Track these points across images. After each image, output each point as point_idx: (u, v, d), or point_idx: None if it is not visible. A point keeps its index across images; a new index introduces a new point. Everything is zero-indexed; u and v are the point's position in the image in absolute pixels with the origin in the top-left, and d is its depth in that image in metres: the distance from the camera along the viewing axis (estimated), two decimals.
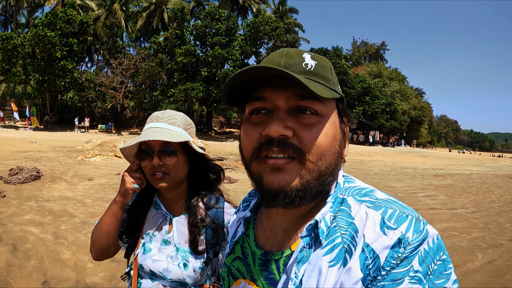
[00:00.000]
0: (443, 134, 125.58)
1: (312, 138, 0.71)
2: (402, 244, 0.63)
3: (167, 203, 1.57)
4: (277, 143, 0.69)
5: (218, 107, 37.55)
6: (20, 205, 6.22)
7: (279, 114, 0.71)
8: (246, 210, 0.97)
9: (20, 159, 11.93)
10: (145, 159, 1.45)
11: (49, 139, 22.07)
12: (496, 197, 10.76)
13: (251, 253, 0.86)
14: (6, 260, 3.95)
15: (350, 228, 0.70)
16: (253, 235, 0.89)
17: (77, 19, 35.08)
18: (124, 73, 37.46)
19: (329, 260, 0.68)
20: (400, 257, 0.62)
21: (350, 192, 0.77)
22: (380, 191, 0.76)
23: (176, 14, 38.26)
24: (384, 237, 0.65)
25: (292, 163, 0.70)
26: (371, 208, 0.70)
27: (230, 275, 0.91)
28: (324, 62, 0.78)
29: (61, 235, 4.93)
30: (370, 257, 0.64)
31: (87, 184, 8.68)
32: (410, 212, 0.68)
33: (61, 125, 37.20)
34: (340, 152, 0.77)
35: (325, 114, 0.73)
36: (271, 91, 0.73)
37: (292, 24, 54.29)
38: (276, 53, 0.77)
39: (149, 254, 1.51)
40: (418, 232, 0.64)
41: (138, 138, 1.44)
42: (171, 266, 1.48)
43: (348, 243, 0.68)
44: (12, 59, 31.52)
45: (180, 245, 1.51)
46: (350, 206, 0.73)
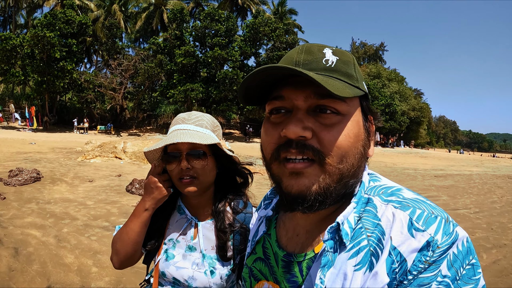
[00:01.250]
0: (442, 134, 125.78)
1: (333, 139, 0.67)
2: (431, 247, 0.61)
3: (192, 208, 1.50)
4: (295, 145, 0.67)
5: (217, 108, 37.49)
6: (21, 207, 6.16)
7: (298, 114, 0.68)
8: (268, 209, 0.94)
9: (19, 161, 11.87)
10: (172, 163, 1.36)
11: (48, 140, 21.99)
12: (497, 198, 10.75)
13: (273, 254, 0.84)
14: (8, 265, 3.88)
15: (376, 230, 0.67)
16: (274, 235, 0.87)
17: (76, 20, 34.99)
18: (123, 74, 37.38)
19: (355, 264, 0.66)
20: (428, 261, 0.60)
21: (376, 191, 0.74)
22: (407, 190, 0.73)
23: (175, 15, 38.25)
24: (412, 239, 0.62)
25: (312, 167, 0.67)
26: (398, 208, 0.67)
27: (252, 276, 0.88)
28: (347, 57, 0.74)
29: (64, 238, 4.87)
30: (397, 261, 0.62)
31: (88, 185, 8.62)
32: (439, 213, 0.65)
33: (60, 126, 37.10)
34: (363, 153, 0.73)
35: (347, 113, 0.70)
36: (290, 90, 0.70)
37: (292, 25, 54.29)
38: (296, 49, 0.74)
39: (172, 261, 1.44)
40: (447, 234, 0.62)
41: (165, 140, 1.36)
42: (197, 273, 1.41)
43: (375, 245, 0.65)
44: (11, 59, 31.42)
45: (206, 251, 1.44)
46: (376, 206, 0.70)
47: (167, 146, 1.40)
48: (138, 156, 13.93)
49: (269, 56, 38.94)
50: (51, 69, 31.86)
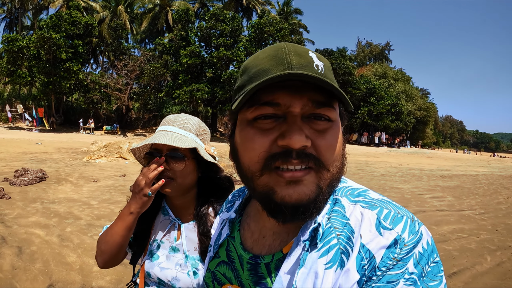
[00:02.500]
0: (448, 134, 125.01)
1: (328, 145, 0.68)
2: (398, 244, 0.62)
3: (175, 209, 1.53)
4: (296, 155, 0.64)
5: (223, 108, 37.56)
6: (25, 207, 6.22)
7: (297, 122, 0.65)
8: (230, 211, 0.93)
9: (25, 161, 11.97)
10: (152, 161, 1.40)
11: (54, 141, 22.15)
12: (503, 198, 10.66)
13: (237, 257, 0.83)
14: (11, 263, 3.93)
15: (345, 229, 0.67)
16: (239, 237, 0.85)
17: (82, 21, 35.22)
18: (129, 75, 37.54)
19: (325, 263, 0.66)
20: (396, 258, 0.62)
21: (343, 192, 0.74)
22: (373, 192, 0.74)
23: (180, 16, 38.36)
24: (380, 237, 0.64)
25: (310, 174, 0.66)
26: (366, 208, 0.68)
27: (215, 280, 0.87)
28: (328, 62, 0.72)
29: (67, 238, 4.91)
30: (366, 258, 0.63)
31: (93, 185, 8.67)
32: (405, 213, 0.67)
33: (66, 126, 37.36)
34: (344, 155, 0.74)
35: (335, 119, 0.70)
36: (286, 96, 0.65)
37: (297, 25, 54.28)
38: (280, 49, 0.69)
39: (156, 262, 1.47)
40: (413, 233, 0.64)
41: (148, 140, 1.41)
42: (180, 274, 1.44)
43: (344, 244, 0.66)
44: (18, 61, 31.66)
45: (189, 252, 1.47)
46: (344, 206, 0.71)
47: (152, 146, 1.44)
48: None
49: None
50: (57, 70, 32.08)
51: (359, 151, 34.12)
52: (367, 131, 50.80)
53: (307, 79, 0.62)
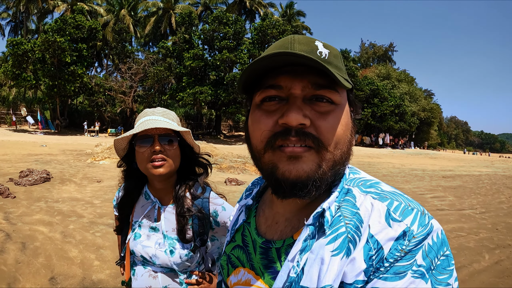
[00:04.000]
0: (453, 135, 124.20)
1: (329, 126, 0.70)
2: (407, 236, 0.63)
3: (157, 193, 1.64)
4: (295, 133, 0.68)
5: (227, 110, 37.66)
6: (30, 205, 6.32)
7: (297, 102, 0.70)
8: (248, 198, 0.96)
9: (30, 162, 12.09)
10: (143, 146, 1.50)
11: (59, 143, 22.30)
12: (505, 198, 10.62)
13: (251, 242, 0.86)
14: (15, 257, 4.03)
15: (354, 218, 0.69)
16: (254, 223, 0.89)
17: (86, 24, 35.44)
18: (133, 78, 37.74)
19: (332, 249, 0.67)
20: (404, 249, 0.62)
21: (355, 183, 0.76)
22: (385, 184, 0.76)
23: (184, 19, 38.52)
24: (389, 228, 0.64)
25: (310, 152, 0.69)
26: (376, 199, 0.70)
27: (230, 263, 0.90)
28: (335, 51, 0.76)
29: (69, 234, 5.01)
30: (374, 248, 0.64)
31: (96, 186, 8.77)
32: (415, 206, 0.68)
33: (71, 129, 37.57)
34: (351, 141, 0.76)
35: (340, 103, 0.73)
36: (288, 79, 0.70)
37: (300, 27, 54.25)
38: (286, 40, 0.74)
39: (139, 240, 1.59)
40: (423, 225, 0.64)
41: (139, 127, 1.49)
42: (159, 252, 1.55)
43: (352, 232, 0.67)
44: (23, 64, 31.89)
45: (167, 233, 1.58)
46: (355, 196, 0.73)
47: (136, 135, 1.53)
48: None
49: None
50: (62, 73, 32.28)
51: (362, 152, 34.02)
52: (371, 133, 50.61)
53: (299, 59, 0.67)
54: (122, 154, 1.64)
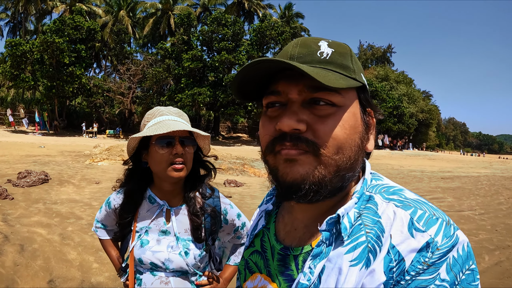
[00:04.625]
0: (452, 137, 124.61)
1: (327, 130, 0.67)
2: (430, 248, 0.59)
3: (164, 196, 1.59)
4: (289, 138, 0.67)
5: (225, 112, 37.67)
6: (28, 207, 6.30)
7: (293, 107, 0.68)
8: (268, 203, 0.93)
9: (28, 163, 12.06)
10: (164, 148, 1.46)
11: (57, 144, 22.28)
12: (504, 199, 10.62)
13: (270, 247, 0.84)
14: (13, 260, 4.00)
15: (375, 226, 0.66)
16: (273, 229, 0.87)
17: (85, 25, 35.46)
18: (132, 79, 37.73)
19: (351, 259, 0.65)
20: (427, 262, 0.59)
21: (377, 189, 0.73)
22: (409, 191, 0.72)
23: (182, 20, 38.55)
24: (412, 239, 0.61)
25: (306, 155, 0.67)
26: (399, 207, 0.66)
27: (247, 268, 0.88)
28: (343, 49, 0.73)
29: (68, 236, 4.98)
30: (395, 260, 0.61)
31: (95, 187, 8.74)
32: (440, 215, 0.65)
33: (69, 130, 37.53)
34: (361, 146, 0.72)
35: (343, 105, 0.69)
36: (284, 84, 0.70)
37: (299, 28, 54.35)
38: (292, 43, 0.74)
39: (147, 246, 1.53)
40: (448, 237, 0.61)
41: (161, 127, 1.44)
42: (173, 255, 1.51)
43: (373, 242, 0.64)
44: (21, 65, 31.89)
45: (180, 234, 1.55)
46: (377, 204, 0.69)
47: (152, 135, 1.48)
48: None
49: None
50: (60, 74, 32.27)
51: None
52: None
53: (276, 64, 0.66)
54: (132, 152, 1.58)
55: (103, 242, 1.80)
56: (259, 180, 12.18)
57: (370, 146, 0.75)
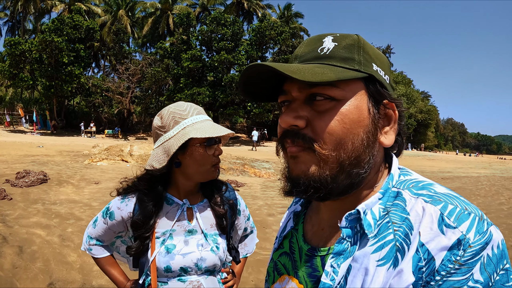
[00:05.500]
0: (450, 137, 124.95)
1: (324, 125, 0.65)
2: (462, 246, 0.56)
3: (182, 195, 1.53)
4: (289, 134, 0.68)
5: (224, 112, 37.66)
6: (27, 207, 6.22)
7: (293, 104, 0.69)
8: (297, 205, 0.93)
9: (27, 163, 11.99)
10: (213, 148, 1.46)
11: (56, 144, 22.21)
12: (505, 199, 10.59)
13: (298, 249, 0.83)
14: (12, 262, 3.93)
15: (404, 224, 0.63)
16: (301, 230, 0.86)
17: (84, 25, 35.43)
18: (131, 79, 37.68)
19: (378, 259, 0.62)
20: (459, 261, 0.56)
21: (406, 185, 0.70)
22: (439, 185, 0.69)
23: (182, 20, 38.54)
24: (442, 236, 0.58)
25: (305, 152, 0.67)
26: (429, 202, 0.63)
27: (276, 270, 0.88)
28: (350, 40, 0.70)
29: (68, 238, 4.91)
30: (424, 259, 0.58)
31: (94, 187, 8.68)
32: (473, 209, 0.61)
33: (68, 130, 37.47)
34: (367, 140, 0.67)
35: (343, 98, 0.66)
36: (288, 83, 0.71)
37: (298, 28, 54.31)
38: (301, 43, 0.76)
39: (175, 251, 1.43)
40: (481, 233, 0.57)
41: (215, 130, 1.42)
42: (205, 253, 1.46)
43: (401, 240, 0.61)
44: (20, 64, 31.85)
45: (207, 230, 1.51)
46: (406, 200, 0.66)
47: None
48: (144, 159, 13.99)
49: (276, 59, 39.01)
50: (59, 73, 32.24)
51: None
52: None
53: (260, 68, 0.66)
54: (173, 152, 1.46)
55: (100, 261, 1.62)
56: (259, 180, 12.13)
57: (387, 141, 0.71)
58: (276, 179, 12.89)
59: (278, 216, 6.75)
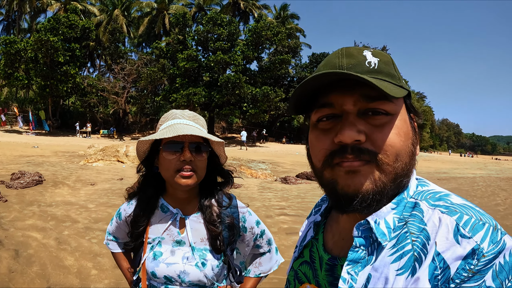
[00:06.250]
0: (445, 138, 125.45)
1: (386, 138, 0.67)
2: (476, 255, 0.58)
3: (177, 204, 1.49)
4: (351, 150, 0.67)
5: (220, 112, 37.57)
6: (22, 210, 6.16)
7: (350, 118, 0.69)
8: (317, 215, 0.95)
9: (22, 164, 11.90)
10: (172, 153, 1.36)
11: (51, 144, 22.08)
12: (501, 200, 10.64)
13: (318, 258, 0.85)
14: (8, 266, 3.87)
15: (421, 234, 0.65)
16: (322, 239, 0.88)
17: (79, 24, 35.24)
18: (126, 78, 37.51)
19: (397, 268, 0.64)
20: (473, 269, 0.58)
21: (423, 196, 0.72)
22: (456, 195, 0.71)
23: (178, 20, 38.45)
24: (457, 246, 0.60)
25: (368, 165, 0.67)
26: (445, 213, 0.65)
27: (297, 279, 0.90)
28: (386, 57, 0.74)
29: (64, 241, 4.86)
30: (440, 267, 0.60)
31: (90, 189, 8.62)
32: (487, 220, 0.63)
33: (63, 130, 37.27)
34: (413, 151, 0.72)
35: (395, 113, 0.70)
36: (338, 96, 0.70)
37: (294, 29, 54.35)
38: (335, 54, 0.74)
39: (161, 258, 1.43)
40: (494, 243, 0.59)
41: (169, 131, 1.34)
42: (188, 267, 1.40)
43: (419, 250, 0.64)
44: (15, 63, 31.70)
45: (195, 244, 1.45)
46: (423, 211, 0.68)
47: (162, 139, 1.39)
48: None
49: (272, 60, 39.02)
50: (54, 73, 32.06)
51: None
52: None
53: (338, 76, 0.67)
54: (143, 156, 1.48)
55: (115, 256, 1.72)
56: (256, 181, 12.10)
57: (417, 151, 0.75)
58: (273, 180, 12.87)
59: (276, 218, 6.72)
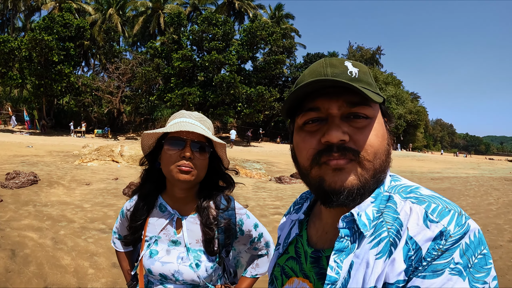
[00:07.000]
0: (439, 138, 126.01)
1: (366, 139, 0.76)
2: (444, 236, 0.66)
3: (175, 203, 1.53)
4: (337, 148, 0.75)
5: (214, 112, 37.53)
6: (18, 210, 6.15)
7: (335, 121, 0.77)
8: (299, 213, 1.03)
9: (16, 164, 11.84)
10: (173, 149, 1.40)
11: (45, 144, 21.96)
12: (493, 199, 10.73)
13: (303, 252, 0.92)
14: (5, 266, 3.89)
15: (395, 223, 0.73)
16: (306, 235, 0.95)
17: (74, 23, 34.98)
18: (121, 78, 37.32)
19: (376, 253, 0.72)
20: (441, 248, 0.65)
21: (396, 189, 0.81)
22: (425, 188, 0.80)
23: (172, 19, 38.35)
24: (427, 230, 0.68)
25: (352, 163, 0.75)
26: (415, 203, 0.74)
27: (284, 274, 0.96)
28: (364, 68, 0.83)
29: (60, 241, 4.87)
30: (413, 249, 0.67)
31: (85, 189, 8.61)
32: (453, 207, 0.72)
33: (57, 129, 37.04)
34: (389, 150, 0.82)
35: (373, 116, 0.79)
36: (324, 101, 0.78)
37: (289, 29, 54.44)
38: (320, 64, 0.83)
39: (156, 257, 1.47)
40: (459, 225, 0.67)
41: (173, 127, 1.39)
42: (182, 267, 1.44)
43: (394, 236, 0.71)
44: (9, 62, 31.40)
45: (191, 245, 1.49)
46: (396, 202, 0.77)
47: (167, 134, 1.43)
48: (135, 159, 13.91)
49: (266, 60, 39.05)
50: (48, 72, 31.81)
51: None
52: None
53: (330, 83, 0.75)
54: (147, 151, 1.51)
55: (118, 255, 1.77)
56: (250, 181, 12.13)
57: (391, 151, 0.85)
58: (268, 180, 12.91)
59: (271, 217, 6.77)
